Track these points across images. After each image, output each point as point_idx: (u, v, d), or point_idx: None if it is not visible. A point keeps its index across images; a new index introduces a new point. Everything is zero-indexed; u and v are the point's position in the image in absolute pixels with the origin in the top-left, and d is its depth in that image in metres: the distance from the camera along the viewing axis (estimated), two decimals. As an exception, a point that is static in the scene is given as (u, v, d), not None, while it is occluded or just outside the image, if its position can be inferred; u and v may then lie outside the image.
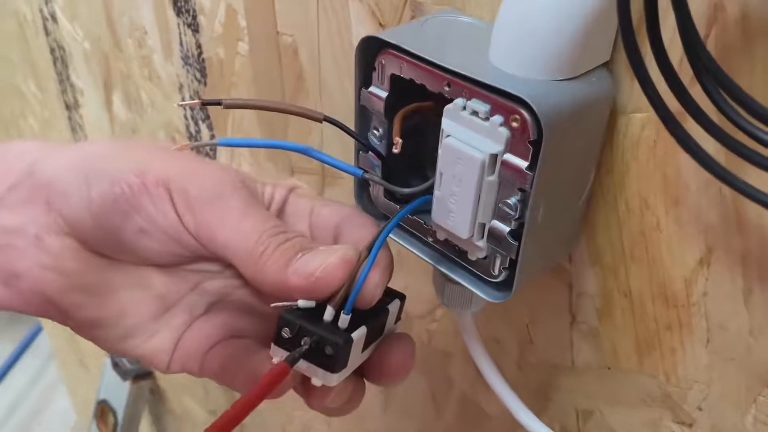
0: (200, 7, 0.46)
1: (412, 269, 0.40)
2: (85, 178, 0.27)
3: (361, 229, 0.29)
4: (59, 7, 0.64)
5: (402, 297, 0.30)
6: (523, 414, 0.33)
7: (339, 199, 0.36)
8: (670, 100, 0.21)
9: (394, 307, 0.29)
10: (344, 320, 0.26)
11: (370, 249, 0.26)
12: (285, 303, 0.27)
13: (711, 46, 0.23)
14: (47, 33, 0.68)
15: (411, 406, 0.47)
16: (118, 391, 0.94)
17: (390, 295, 0.29)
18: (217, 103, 0.29)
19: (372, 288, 0.26)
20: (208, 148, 0.54)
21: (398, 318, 0.30)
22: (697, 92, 0.21)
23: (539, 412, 0.36)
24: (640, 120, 0.26)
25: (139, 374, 0.93)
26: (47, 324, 1.34)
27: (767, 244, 0.24)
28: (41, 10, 0.67)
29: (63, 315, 0.29)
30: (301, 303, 0.27)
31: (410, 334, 0.42)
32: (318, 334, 0.26)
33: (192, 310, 0.30)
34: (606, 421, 0.34)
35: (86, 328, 0.29)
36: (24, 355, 1.65)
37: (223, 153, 0.53)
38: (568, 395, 0.35)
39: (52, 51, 0.69)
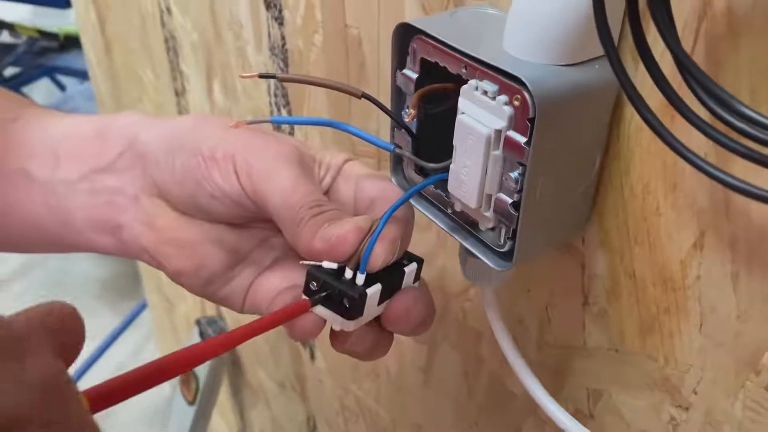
0: (285, 1, 0.51)
1: (451, 250, 0.43)
2: (171, 150, 0.33)
3: (390, 203, 0.32)
4: (174, 1, 0.71)
5: (420, 261, 0.33)
6: (539, 392, 0.35)
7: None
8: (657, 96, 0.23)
9: (410, 269, 0.32)
10: (360, 278, 0.30)
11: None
12: (311, 262, 0.31)
13: (705, 35, 0.25)
14: (163, 25, 0.76)
15: (447, 384, 0.50)
16: (201, 359, 1.01)
17: (410, 259, 0.33)
18: (272, 76, 0.33)
19: (376, 255, 0.29)
20: (288, 127, 0.59)
21: (416, 278, 0.33)
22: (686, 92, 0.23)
23: (555, 392, 0.38)
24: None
25: (222, 345, 1.00)
26: (151, 299, 1.46)
27: (752, 229, 0.26)
28: (159, 4, 0.75)
29: (156, 263, 0.35)
30: (325, 264, 0.30)
31: (447, 311, 0.45)
32: (338, 288, 0.30)
33: (260, 263, 0.35)
34: (614, 403, 0.35)
35: (174, 275, 0.35)
36: (128, 329, 1.78)
37: (298, 134, 0.57)
38: (580, 376, 0.37)
39: (166, 41, 0.77)
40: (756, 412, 0.28)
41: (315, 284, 0.30)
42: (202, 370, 1.01)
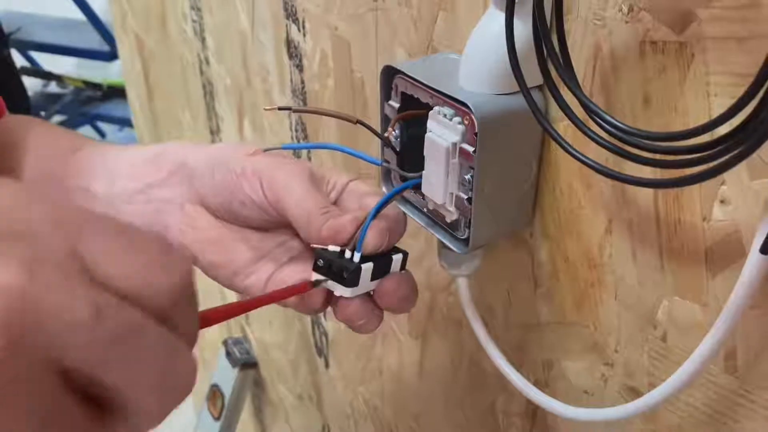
0: (304, 52, 0.61)
1: (436, 253, 0.52)
2: (212, 169, 0.43)
3: (385, 214, 0.41)
4: (211, 53, 0.83)
5: (405, 253, 0.42)
6: (505, 367, 0.44)
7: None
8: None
9: (397, 257, 0.41)
10: (357, 257, 0.39)
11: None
12: (320, 246, 0.40)
13: (598, 72, 0.34)
14: (201, 73, 0.88)
15: (437, 372, 0.58)
16: (227, 377, 1.10)
17: (397, 251, 0.41)
18: (288, 108, 0.43)
19: (368, 239, 0.38)
20: (306, 154, 0.69)
21: (402, 267, 0.42)
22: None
23: (519, 367, 0.46)
24: (563, 125, 0.37)
25: (247, 364, 1.09)
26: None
27: (641, 214, 0.34)
28: (199, 55, 0.87)
29: (193, 258, 0.44)
30: (330, 248, 0.39)
31: (434, 305, 0.54)
32: (339, 263, 0.39)
33: (278, 260, 0.44)
34: (562, 369, 0.44)
35: (207, 268, 0.43)
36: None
37: (314, 160, 0.67)
38: (536, 349, 0.45)
39: (204, 86, 0.89)
40: (657, 359, 0.36)
41: (322, 261, 0.39)
42: (227, 389, 1.10)
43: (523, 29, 0.33)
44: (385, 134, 0.40)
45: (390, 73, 0.41)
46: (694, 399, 0.35)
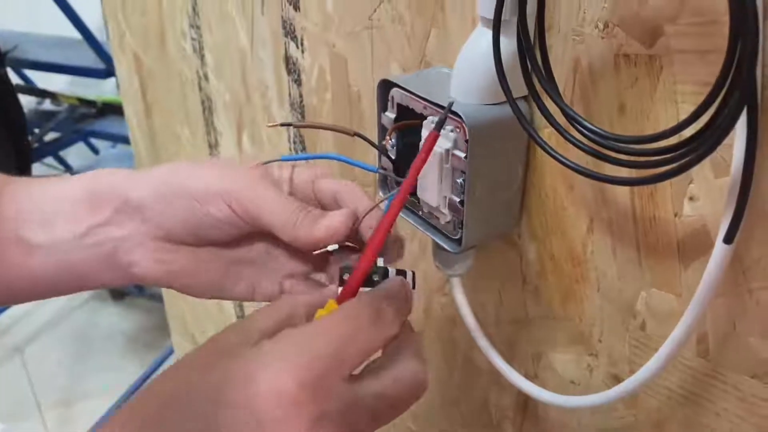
0: (302, 67, 0.64)
1: (430, 256, 0.55)
2: (166, 199, 0.40)
3: (353, 195, 0.41)
4: (210, 69, 0.86)
5: (413, 272, 0.43)
6: (498, 361, 0.47)
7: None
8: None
9: (409, 275, 0.42)
10: (381, 261, 0.40)
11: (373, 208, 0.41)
12: (321, 250, 0.42)
13: (578, 83, 0.37)
14: (200, 89, 0.91)
15: (434, 371, 0.60)
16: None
17: (404, 273, 0.43)
18: (289, 124, 0.46)
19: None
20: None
21: (413, 286, 0.44)
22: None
23: (510, 360, 0.49)
24: (547, 132, 0.40)
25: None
26: (176, 340, 1.57)
27: (619, 212, 0.37)
28: (198, 71, 0.89)
29: (166, 283, 0.43)
30: (330, 247, 0.42)
31: (429, 305, 0.57)
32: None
33: (256, 262, 0.43)
34: (549, 361, 0.46)
35: (182, 289, 0.43)
36: (152, 376, 1.87)
37: (312, 174, 0.70)
38: (525, 343, 0.48)
39: (203, 102, 0.92)
40: (637, 347, 0.39)
41: (348, 275, 0.37)
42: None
43: (508, 45, 0.36)
44: (383, 143, 0.43)
45: (386, 86, 0.44)
46: (671, 383, 0.38)
